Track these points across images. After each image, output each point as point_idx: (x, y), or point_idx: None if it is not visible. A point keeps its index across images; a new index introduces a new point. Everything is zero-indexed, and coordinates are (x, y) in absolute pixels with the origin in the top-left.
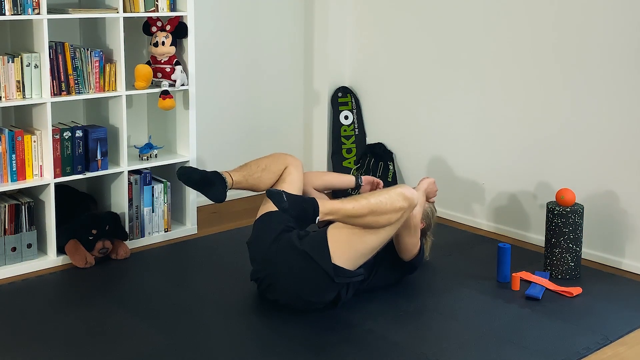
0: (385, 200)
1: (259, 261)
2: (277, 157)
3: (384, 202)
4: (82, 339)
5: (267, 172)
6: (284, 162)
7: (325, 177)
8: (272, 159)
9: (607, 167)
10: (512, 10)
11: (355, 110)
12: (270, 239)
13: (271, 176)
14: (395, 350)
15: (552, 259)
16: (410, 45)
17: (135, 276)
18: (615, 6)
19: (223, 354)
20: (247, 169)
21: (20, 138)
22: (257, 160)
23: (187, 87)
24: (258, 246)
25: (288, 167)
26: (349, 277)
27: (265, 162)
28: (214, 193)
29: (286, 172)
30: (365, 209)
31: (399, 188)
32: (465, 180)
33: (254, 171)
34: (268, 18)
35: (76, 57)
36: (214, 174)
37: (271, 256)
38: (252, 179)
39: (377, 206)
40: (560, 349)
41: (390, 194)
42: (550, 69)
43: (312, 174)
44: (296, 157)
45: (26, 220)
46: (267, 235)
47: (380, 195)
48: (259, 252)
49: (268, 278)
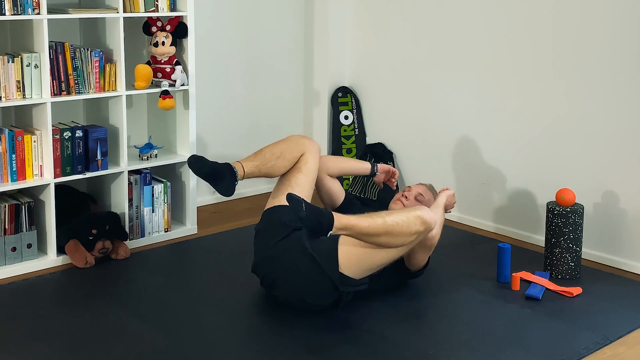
0: (402, 222)
1: (262, 255)
2: (293, 143)
3: (400, 224)
4: (82, 339)
5: (282, 160)
6: (301, 149)
7: (341, 164)
8: (289, 145)
9: (607, 167)
10: (511, 10)
11: (355, 110)
12: (279, 235)
13: (286, 164)
14: (395, 350)
15: (552, 259)
16: (410, 45)
17: (135, 276)
18: (615, 4)
19: (223, 354)
20: (261, 157)
21: (20, 138)
22: (272, 146)
23: (187, 87)
24: (265, 239)
25: (304, 155)
26: (353, 286)
27: (280, 149)
28: (222, 187)
29: (302, 161)
30: (380, 228)
31: (418, 210)
32: (465, 180)
33: (268, 159)
34: (268, 18)
35: (76, 57)
36: (226, 166)
37: (277, 253)
38: (266, 168)
39: (393, 228)
40: (560, 349)
41: (408, 216)
42: (550, 69)
43: (328, 159)
44: (313, 141)
45: (26, 220)
46: (275, 231)
47: (398, 215)
48: (264, 245)
49: (271, 274)
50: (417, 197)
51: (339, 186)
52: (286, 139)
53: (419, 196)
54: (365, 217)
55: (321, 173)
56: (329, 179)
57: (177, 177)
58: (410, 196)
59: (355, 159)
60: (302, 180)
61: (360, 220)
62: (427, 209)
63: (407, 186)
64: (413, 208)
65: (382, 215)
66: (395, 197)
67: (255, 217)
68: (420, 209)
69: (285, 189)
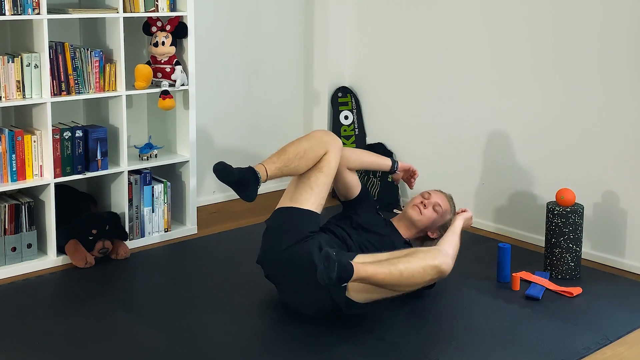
0: (419, 273)
1: (270, 255)
2: (317, 141)
3: (416, 275)
4: (82, 339)
5: (305, 160)
6: (325, 147)
7: (363, 158)
8: (312, 144)
9: (607, 167)
10: (511, 10)
11: (355, 110)
12: (290, 240)
13: (309, 163)
14: (395, 350)
15: (552, 259)
16: (410, 45)
17: (135, 276)
18: (615, 3)
19: (223, 354)
20: (285, 158)
21: (20, 138)
22: (295, 144)
23: (187, 87)
24: (275, 240)
25: (327, 153)
26: (359, 309)
27: (304, 148)
28: (246, 194)
29: (324, 160)
30: (395, 279)
31: (436, 260)
32: (465, 180)
33: (291, 160)
34: (268, 18)
35: (76, 57)
36: (250, 171)
37: (285, 259)
38: (288, 169)
39: (409, 279)
40: (560, 349)
41: (425, 267)
42: (550, 70)
43: (350, 152)
44: (337, 138)
45: (26, 220)
46: (288, 235)
47: (416, 265)
48: (274, 246)
49: (275, 277)
50: (435, 207)
51: (356, 179)
52: (310, 136)
53: (437, 206)
54: (383, 268)
55: (341, 166)
56: (348, 172)
57: (177, 177)
58: (428, 205)
59: (376, 154)
60: (322, 181)
61: (377, 271)
62: (445, 254)
63: (426, 191)
64: (432, 254)
65: (400, 265)
66: (413, 201)
67: (255, 217)
68: (438, 256)
69: (304, 189)
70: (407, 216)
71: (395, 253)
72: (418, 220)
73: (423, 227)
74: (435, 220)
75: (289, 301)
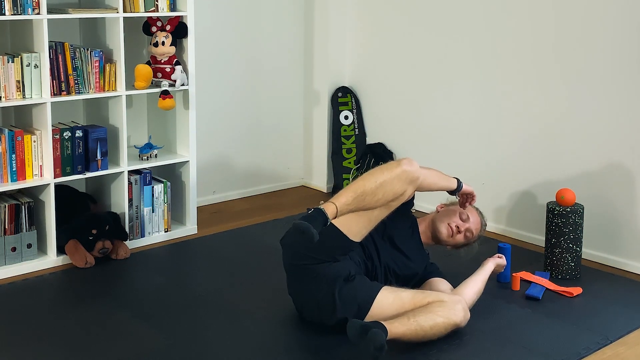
0: (439, 331)
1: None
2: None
3: (436, 332)
4: (82, 339)
5: (380, 201)
6: (404, 188)
7: (429, 179)
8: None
9: (607, 167)
10: (512, 10)
11: (355, 110)
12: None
13: (381, 203)
14: (396, 350)
15: (552, 259)
16: (410, 45)
17: (135, 276)
18: (617, 4)
19: (223, 354)
20: (360, 199)
21: (20, 138)
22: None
23: (187, 87)
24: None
25: (404, 193)
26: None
27: (384, 189)
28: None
29: (399, 199)
30: (419, 337)
31: (456, 318)
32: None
33: (366, 203)
34: (268, 18)
35: (76, 57)
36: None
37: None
38: (358, 208)
39: (429, 337)
40: (560, 349)
41: (445, 324)
42: (550, 69)
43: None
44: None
45: (26, 220)
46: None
47: (439, 321)
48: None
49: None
50: (467, 234)
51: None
52: (394, 172)
53: (468, 232)
54: (412, 328)
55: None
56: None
57: (177, 177)
58: (462, 228)
59: (444, 176)
60: (381, 215)
61: (406, 333)
62: (466, 307)
63: (464, 212)
64: (455, 310)
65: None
66: (447, 220)
67: (255, 217)
68: (458, 313)
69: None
70: (436, 227)
71: (418, 298)
72: (446, 240)
73: (446, 244)
74: (461, 243)
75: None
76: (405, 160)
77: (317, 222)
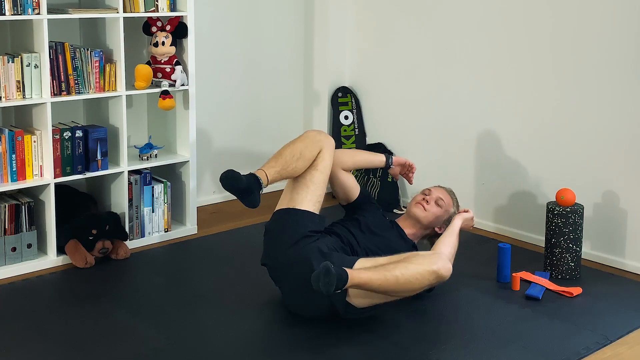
0: (416, 279)
1: (272, 258)
2: (310, 141)
3: (413, 281)
4: (82, 339)
5: (302, 160)
6: (319, 146)
7: (356, 157)
8: (307, 144)
9: (607, 167)
10: (510, 10)
11: (355, 110)
12: (289, 241)
13: (305, 164)
14: (395, 350)
15: (552, 259)
16: (410, 45)
17: (135, 276)
18: (614, 3)
19: (223, 354)
20: (282, 161)
21: (20, 138)
22: (291, 146)
23: (187, 87)
24: (275, 242)
25: (322, 151)
26: (357, 314)
27: (299, 149)
28: (250, 200)
29: (319, 158)
30: (392, 286)
31: (434, 265)
32: (465, 180)
33: (289, 162)
34: (268, 18)
35: (76, 57)
36: (252, 178)
37: (286, 261)
38: (287, 172)
39: (405, 285)
40: (560, 349)
41: (423, 273)
42: (550, 68)
43: (342, 153)
44: (329, 137)
45: (26, 220)
46: (286, 237)
47: (414, 271)
48: (274, 249)
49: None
50: (438, 202)
51: (353, 181)
52: (303, 137)
53: (439, 200)
54: (379, 274)
55: (335, 167)
56: (343, 173)
57: (177, 177)
58: (430, 200)
59: (369, 152)
60: (318, 179)
61: (372, 279)
62: (445, 258)
63: (426, 188)
64: (430, 259)
65: (396, 272)
66: (415, 199)
67: (255, 217)
68: (437, 260)
69: (301, 188)
70: (411, 215)
71: (395, 257)
72: (423, 217)
73: (429, 223)
74: (440, 215)
75: (289, 302)
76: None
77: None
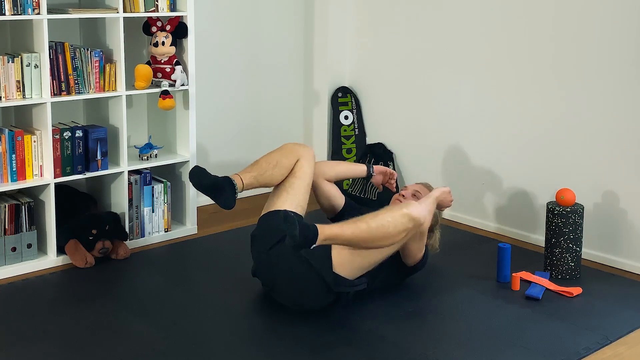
0: (388, 222)
1: (260, 261)
2: (288, 151)
3: (386, 225)
4: (82, 339)
5: (279, 168)
6: (296, 155)
7: (337, 168)
8: (283, 153)
9: (607, 167)
10: (511, 11)
11: (355, 110)
12: (273, 240)
13: (283, 172)
14: (395, 350)
15: (552, 259)
16: (410, 45)
17: (135, 276)
18: (614, 5)
19: (223, 354)
20: (258, 168)
21: (20, 138)
22: (268, 156)
23: (187, 87)
24: (261, 245)
25: (299, 160)
26: (349, 287)
27: (276, 158)
28: (223, 200)
29: (297, 166)
30: (365, 233)
31: (404, 208)
32: (465, 180)
33: (265, 169)
34: (268, 18)
35: (76, 57)
36: (225, 179)
37: (273, 259)
38: (263, 178)
39: (379, 230)
40: (560, 349)
41: (394, 215)
42: (550, 69)
43: (323, 164)
44: (308, 147)
45: (26, 220)
46: (270, 236)
47: (384, 216)
48: (261, 251)
49: (270, 280)
50: (415, 194)
51: (337, 191)
52: (280, 148)
53: (416, 193)
54: (350, 225)
55: (318, 178)
56: (327, 184)
57: (177, 177)
58: (407, 194)
59: (350, 162)
60: (297, 184)
61: (343, 228)
62: (415, 203)
63: (404, 186)
64: (400, 205)
65: (367, 220)
66: (393, 198)
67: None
68: (407, 206)
69: (280, 194)
70: None
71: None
72: None
73: None
74: None
75: (286, 302)
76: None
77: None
